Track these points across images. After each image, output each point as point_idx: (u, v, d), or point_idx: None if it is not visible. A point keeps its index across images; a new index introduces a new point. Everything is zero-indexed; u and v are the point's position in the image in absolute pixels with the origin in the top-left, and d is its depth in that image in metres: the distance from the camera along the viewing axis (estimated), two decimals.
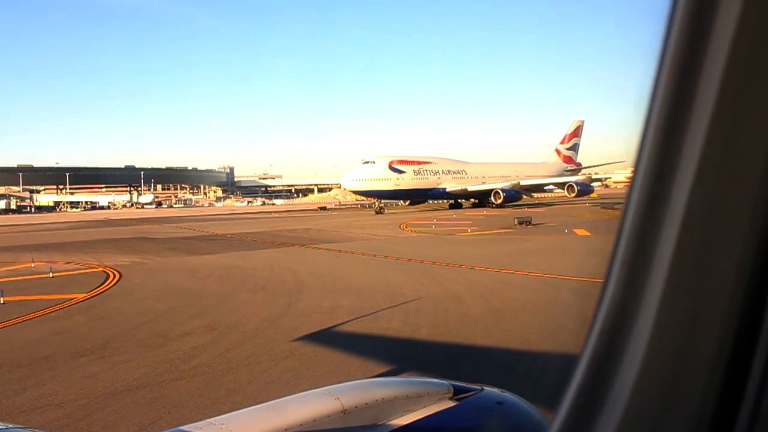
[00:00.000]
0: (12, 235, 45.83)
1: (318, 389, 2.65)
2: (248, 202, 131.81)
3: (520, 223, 38.25)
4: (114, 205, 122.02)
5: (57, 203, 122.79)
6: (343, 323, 12.39)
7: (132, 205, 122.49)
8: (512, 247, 27.68)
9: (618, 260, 1.15)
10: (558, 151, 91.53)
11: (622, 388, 1.12)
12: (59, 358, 10.23)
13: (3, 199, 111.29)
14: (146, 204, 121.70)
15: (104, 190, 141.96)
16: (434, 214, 57.68)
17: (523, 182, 69.02)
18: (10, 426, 2.92)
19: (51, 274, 21.15)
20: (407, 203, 74.63)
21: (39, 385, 8.73)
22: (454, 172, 70.95)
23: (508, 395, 3.03)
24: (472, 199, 72.29)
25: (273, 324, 12.56)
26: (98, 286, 18.40)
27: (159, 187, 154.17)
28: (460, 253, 25.73)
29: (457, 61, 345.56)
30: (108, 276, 20.90)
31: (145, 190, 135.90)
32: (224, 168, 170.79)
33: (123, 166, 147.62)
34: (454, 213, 60.92)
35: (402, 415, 2.63)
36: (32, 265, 24.10)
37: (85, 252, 29.96)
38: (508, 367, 9.50)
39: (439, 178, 68.72)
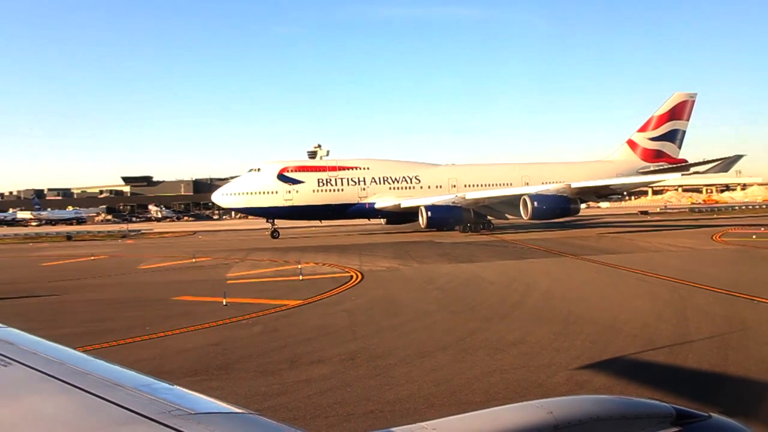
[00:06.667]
0: (324, 236, 50.71)
1: (530, 401, 2.47)
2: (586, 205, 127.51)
3: None
4: None
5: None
6: (493, 368, 9.77)
7: None
8: None
9: None
10: (632, 144, 58.45)
11: None
12: (173, 375, 9.94)
13: None
14: None
15: None
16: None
17: (470, 195, 47.07)
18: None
19: (300, 277, 22.24)
20: (385, 222, 54.65)
21: None
22: (395, 180, 51.01)
23: (740, 426, 2.56)
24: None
25: (419, 360, 10.56)
26: (322, 293, 18.52)
27: None
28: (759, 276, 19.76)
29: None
30: (348, 281, 21.10)
31: None
32: None
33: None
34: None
35: None
36: (299, 266, 25.73)
37: (360, 255, 31.33)
38: None
39: (364, 188, 50.03)
